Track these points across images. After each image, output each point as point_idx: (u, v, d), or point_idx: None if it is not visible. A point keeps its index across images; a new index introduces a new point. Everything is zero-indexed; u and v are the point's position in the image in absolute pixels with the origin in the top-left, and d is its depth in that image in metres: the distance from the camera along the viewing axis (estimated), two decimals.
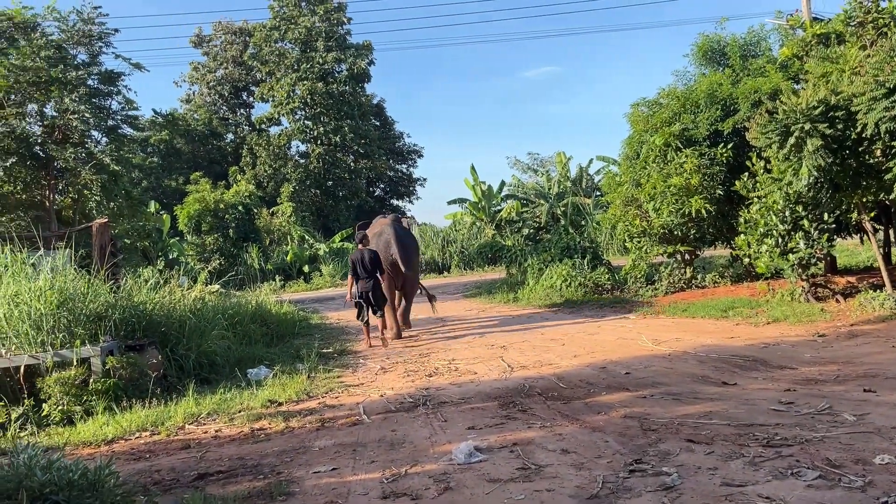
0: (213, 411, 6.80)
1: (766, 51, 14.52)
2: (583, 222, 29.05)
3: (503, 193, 35.29)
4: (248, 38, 45.17)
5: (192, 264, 27.56)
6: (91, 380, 7.11)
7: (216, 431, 6.16)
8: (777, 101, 10.34)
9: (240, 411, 6.72)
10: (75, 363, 7.18)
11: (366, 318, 10.93)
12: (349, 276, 11.28)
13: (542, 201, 32.75)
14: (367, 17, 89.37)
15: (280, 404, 6.98)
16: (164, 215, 31.54)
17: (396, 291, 12.19)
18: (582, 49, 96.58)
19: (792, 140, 9.73)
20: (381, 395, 7.06)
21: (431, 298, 12.96)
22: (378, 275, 11.14)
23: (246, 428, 6.15)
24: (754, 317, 10.02)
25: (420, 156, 49.29)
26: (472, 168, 34.42)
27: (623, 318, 11.58)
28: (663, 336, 9.22)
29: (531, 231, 30.40)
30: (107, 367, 7.22)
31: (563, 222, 29.39)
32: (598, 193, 32.11)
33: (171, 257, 29.00)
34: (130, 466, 5.25)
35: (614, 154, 31.68)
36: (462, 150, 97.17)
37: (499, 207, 34.58)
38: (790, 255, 10.50)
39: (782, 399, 5.50)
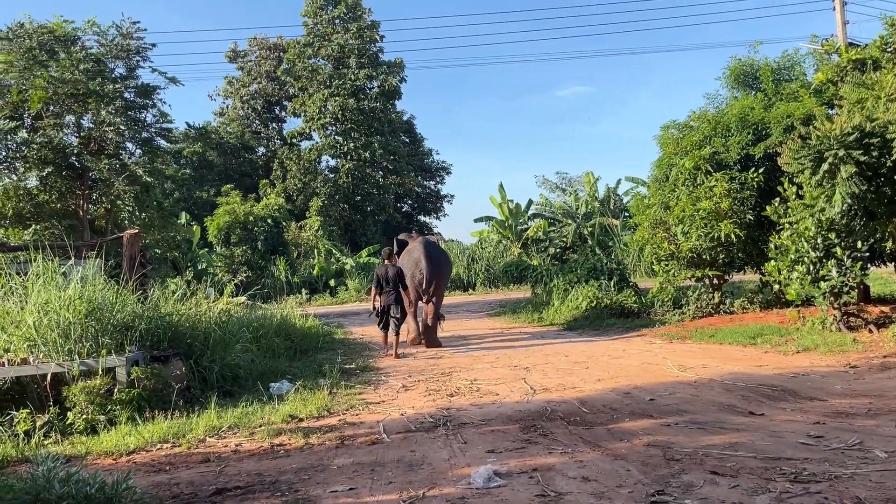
0: (234, 425, 6.81)
1: (800, 75, 14.36)
2: (610, 243, 28.84)
3: (530, 212, 35.21)
4: (281, 54, 45.82)
5: (220, 276, 27.84)
6: (116, 389, 7.17)
7: (236, 445, 6.17)
8: (810, 126, 10.19)
9: (260, 426, 6.73)
10: (101, 372, 7.25)
11: (387, 326, 11.80)
12: (373, 289, 12.21)
13: (569, 221, 32.60)
14: (399, 35, 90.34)
15: (300, 420, 6.98)
16: (195, 226, 31.95)
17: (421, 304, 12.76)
18: (613, 70, 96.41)
19: (825, 166, 9.58)
20: (402, 414, 7.03)
21: (439, 318, 13.04)
22: (399, 290, 11.89)
23: (266, 443, 6.15)
24: (783, 345, 9.82)
25: (448, 173, 49.43)
26: (501, 186, 34.45)
27: (649, 342, 11.44)
28: (689, 362, 9.07)
29: (557, 251, 30.25)
30: (131, 378, 7.28)
31: (590, 243, 29.22)
32: (625, 215, 31.89)
33: (199, 268, 29.32)
34: (150, 479, 5.27)
35: (643, 175, 31.48)
36: (490, 168, 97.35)
37: (525, 226, 34.48)
38: (822, 282, 10.30)
39: (811, 432, 5.37)
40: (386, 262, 12.38)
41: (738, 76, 14.54)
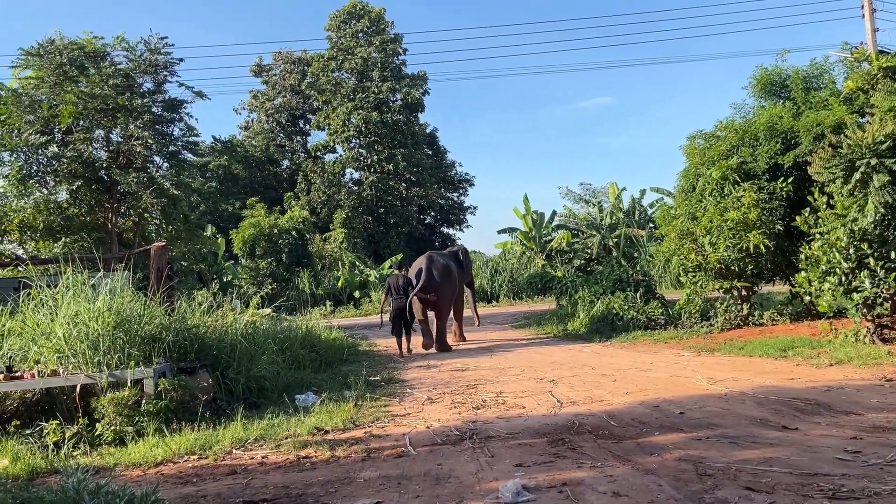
0: (260, 437, 6.81)
1: (829, 83, 14.17)
2: (635, 254, 28.59)
3: (554, 223, 35.05)
4: (306, 68, 46.26)
5: (245, 288, 28.03)
6: (143, 401, 7.22)
7: (262, 458, 6.16)
8: (841, 135, 10.03)
9: (286, 438, 6.71)
10: (129, 384, 7.30)
11: (400, 333, 13.74)
12: (384, 295, 14.31)
13: (593, 232, 32.40)
14: (422, 48, 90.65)
15: (326, 432, 6.96)
16: (220, 239, 32.25)
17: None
18: (637, 80, 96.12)
19: (857, 175, 9.42)
20: (428, 427, 6.97)
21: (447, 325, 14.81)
22: (408, 297, 13.74)
23: (292, 455, 6.13)
24: (815, 357, 9.62)
25: (471, 184, 49.42)
26: (525, 197, 34.35)
27: (677, 354, 11.27)
28: (719, 375, 8.91)
29: (582, 262, 30.07)
30: (159, 389, 7.32)
31: (615, 254, 28.99)
32: (651, 226, 31.63)
33: (225, 280, 29.57)
34: (177, 491, 5.27)
35: (668, 186, 31.23)
36: (513, 179, 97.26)
37: (549, 237, 34.33)
38: (854, 294, 10.09)
39: (848, 447, 5.22)
40: (396, 272, 14.62)
41: (765, 85, 14.39)
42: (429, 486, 4.94)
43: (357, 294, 31.79)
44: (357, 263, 35.16)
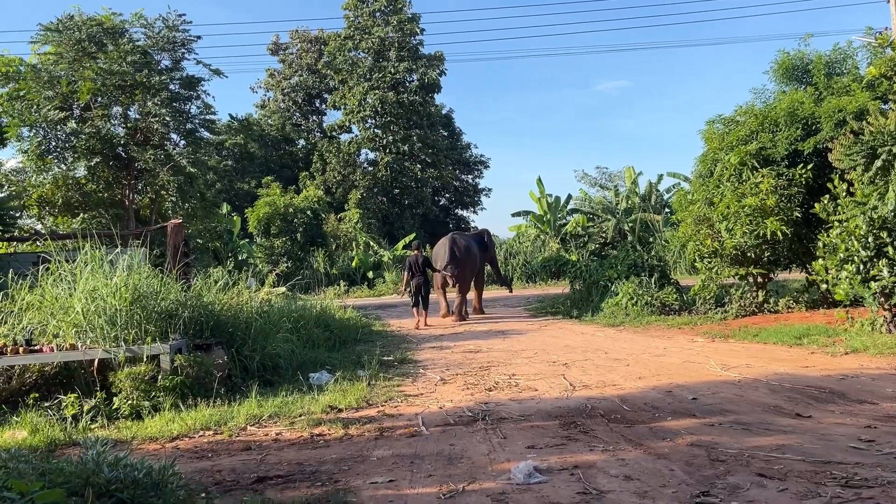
0: (274, 414, 6.88)
1: (852, 69, 13.93)
2: (651, 239, 28.44)
3: (569, 207, 34.93)
4: (322, 47, 46.13)
5: (260, 266, 28.19)
6: (160, 376, 7.30)
7: (277, 434, 6.22)
8: (864, 121, 9.88)
9: (300, 415, 6.78)
10: (145, 359, 7.39)
11: (417, 304, 15.38)
12: (405, 273, 15.86)
13: (608, 216, 32.26)
14: (439, 27, 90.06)
15: (340, 410, 7.01)
16: (235, 217, 32.39)
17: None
18: (655, 64, 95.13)
19: (878, 163, 9.30)
20: (440, 407, 7.02)
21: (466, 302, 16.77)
22: (425, 274, 15.51)
23: (306, 433, 6.19)
24: (831, 346, 9.56)
25: (486, 166, 49.31)
26: (539, 180, 34.25)
27: (690, 340, 11.24)
28: (732, 361, 8.89)
29: (597, 246, 29.96)
30: (175, 365, 7.40)
31: (630, 238, 28.85)
32: (667, 211, 31.43)
33: (240, 258, 29.74)
34: (193, 465, 5.34)
35: (685, 171, 31.01)
36: (529, 162, 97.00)
37: (564, 221, 34.23)
38: (872, 282, 9.99)
39: (862, 436, 5.20)
40: (415, 252, 16.20)
41: (786, 70, 14.17)
42: (441, 466, 4.98)
43: (371, 274, 31.89)
44: (371, 244, 35.25)
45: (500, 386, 8.01)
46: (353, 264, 32.53)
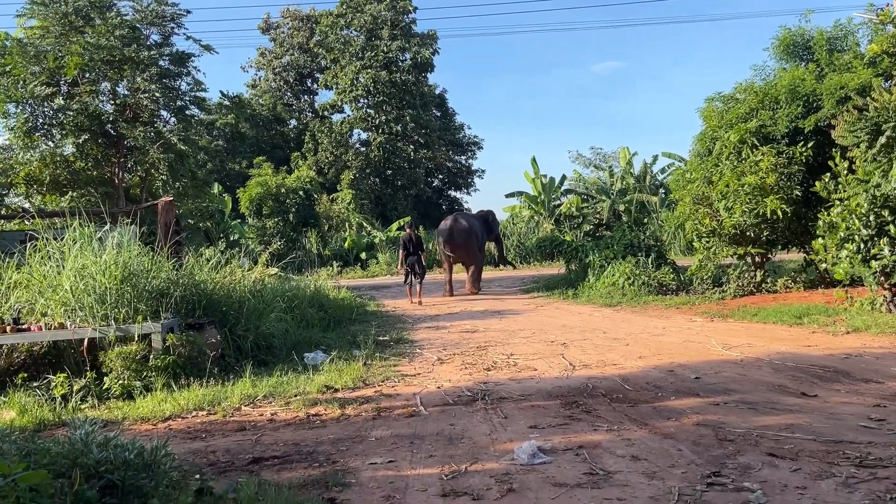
0: (269, 394, 6.74)
1: (853, 46, 13.76)
2: (645, 220, 28.33)
3: (563, 188, 34.74)
4: (314, 26, 45.51)
5: (252, 246, 27.96)
6: (151, 356, 7.14)
7: (272, 415, 6.09)
8: (868, 97, 9.72)
9: (296, 395, 6.64)
10: (137, 338, 7.23)
11: (411, 282, 16.19)
12: (400, 251, 16.58)
13: (603, 197, 32.12)
14: (431, 2, 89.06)
15: (336, 390, 6.88)
16: (227, 197, 32.08)
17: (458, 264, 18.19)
18: (650, 45, 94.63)
19: (882, 139, 9.17)
20: (439, 387, 6.89)
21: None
22: (420, 252, 16.29)
23: (301, 413, 6.06)
24: (832, 325, 9.46)
25: (480, 147, 48.97)
26: (533, 160, 34.01)
27: (689, 320, 11.14)
28: (733, 341, 8.78)
29: (591, 227, 29.83)
30: (167, 344, 7.25)
31: (625, 219, 28.74)
32: (662, 191, 31.31)
33: (232, 239, 29.48)
34: (187, 446, 5.20)
35: (680, 151, 30.87)
36: (522, 143, 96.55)
37: (558, 202, 34.05)
38: (873, 261, 9.90)
39: (872, 415, 5.10)
40: (408, 231, 16.93)
41: (787, 46, 13.97)
42: (442, 446, 4.85)
43: (364, 255, 31.70)
44: (364, 225, 35.02)
45: (498, 366, 7.89)
46: (346, 245, 32.32)
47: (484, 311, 13.90)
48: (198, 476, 4.17)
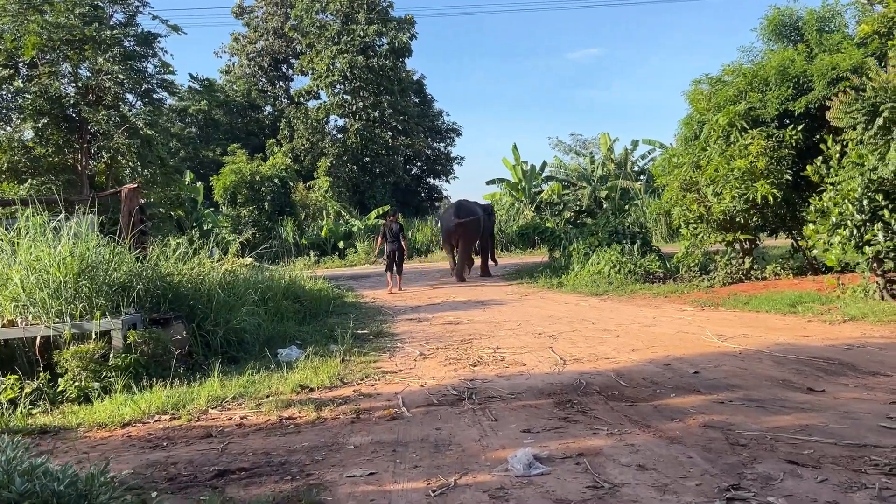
0: (239, 395, 6.25)
1: (841, 27, 13.44)
2: (627, 206, 28.04)
3: (544, 174, 34.33)
4: (289, 10, 44.48)
5: (225, 235, 27.25)
6: (111, 355, 6.61)
7: (241, 418, 5.60)
8: (864, 77, 9.37)
9: (268, 396, 6.16)
10: (95, 336, 6.69)
11: (391, 268, 16.07)
12: (379, 238, 16.78)
13: (584, 184, 31.78)
14: None
15: (312, 390, 6.41)
16: (199, 185, 31.28)
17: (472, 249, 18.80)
18: (627, 32, 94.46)
19: (880, 121, 8.82)
20: (422, 385, 6.44)
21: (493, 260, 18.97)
22: (400, 241, 16.11)
23: (274, 416, 5.58)
24: (827, 314, 9.15)
25: (459, 134, 48.41)
26: (514, 147, 33.49)
27: (679, 309, 10.79)
28: (728, 331, 8.43)
29: (572, 214, 29.46)
30: (128, 342, 6.72)
31: (606, 206, 28.43)
32: (643, 177, 31.03)
33: (205, 228, 28.72)
34: (145, 456, 4.70)
35: (660, 138, 30.60)
36: (501, 130, 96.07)
37: (539, 189, 33.64)
38: (866, 247, 9.59)
39: (890, 414, 4.73)
40: (391, 218, 16.87)
41: (776, 27, 13.60)
42: (427, 455, 4.40)
43: (342, 244, 31.09)
44: (342, 213, 34.39)
45: (484, 360, 7.46)
46: (323, 234, 31.68)
47: (467, 300, 13.46)
48: (155, 494, 3.68)
